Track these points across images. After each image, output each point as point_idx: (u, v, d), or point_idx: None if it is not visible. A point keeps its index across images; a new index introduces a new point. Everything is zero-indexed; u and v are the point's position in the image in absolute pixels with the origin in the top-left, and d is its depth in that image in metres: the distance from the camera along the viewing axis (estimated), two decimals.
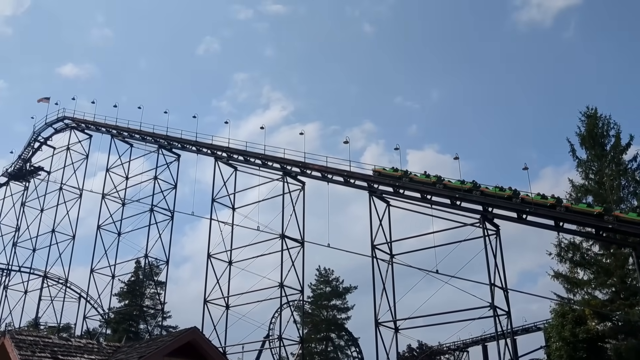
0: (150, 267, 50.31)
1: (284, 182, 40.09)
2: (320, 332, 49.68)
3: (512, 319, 30.19)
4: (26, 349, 12.18)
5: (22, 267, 54.76)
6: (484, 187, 32.23)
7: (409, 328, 32.66)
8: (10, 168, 61.34)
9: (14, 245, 56.26)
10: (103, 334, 47.59)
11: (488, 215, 31.61)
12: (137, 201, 49.20)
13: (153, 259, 48.80)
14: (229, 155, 43.57)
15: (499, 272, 30.71)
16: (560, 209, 29.58)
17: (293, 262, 37.89)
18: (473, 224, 31.81)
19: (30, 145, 60.33)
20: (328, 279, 50.80)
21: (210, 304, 39.60)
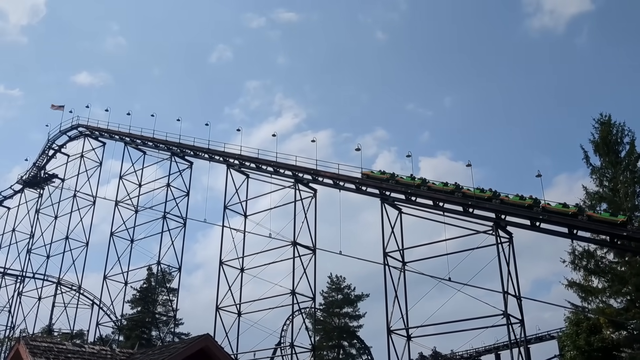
0: (163, 274, 50.49)
1: (295, 190, 40.12)
2: (332, 340, 49.54)
3: (525, 327, 29.98)
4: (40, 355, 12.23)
5: (36, 274, 55.27)
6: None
7: (421, 336, 32.53)
8: (25, 175, 61.94)
9: (28, 252, 56.75)
10: (116, 341, 47.75)
11: (501, 223, 31.43)
12: (149, 208, 49.45)
13: (165, 265, 48.95)
14: (241, 163, 43.72)
15: (512, 280, 30.52)
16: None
17: (305, 269, 37.87)
18: (486, 231, 31.64)
19: (45, 153, 60.91)
20: (340, 286, 50.69)
21: (222, 311, 39.63)
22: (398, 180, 35.48)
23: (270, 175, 42.10)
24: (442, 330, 32.04)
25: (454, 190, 33.29)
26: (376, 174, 36.85)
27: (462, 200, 32.62)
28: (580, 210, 29.72)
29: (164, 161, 50.39)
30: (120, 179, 51.98)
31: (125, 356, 14.13)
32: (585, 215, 29.34)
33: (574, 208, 29.87)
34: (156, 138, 49.87)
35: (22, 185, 62.67)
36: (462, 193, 32.99)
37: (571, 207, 29.96)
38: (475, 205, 32.19)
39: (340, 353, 49.63)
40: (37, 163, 61.20)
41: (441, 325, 31.60)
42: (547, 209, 30.32)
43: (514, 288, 30.44)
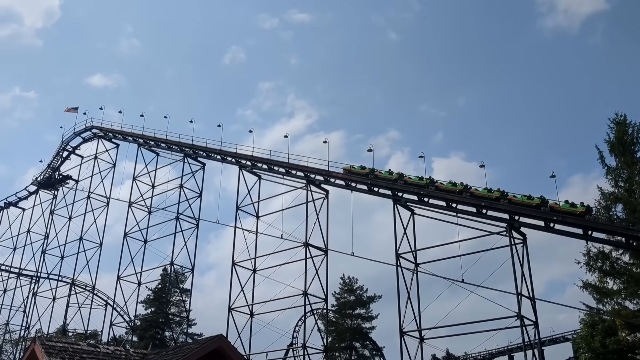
0: (176, 275, 50.70)
1: (307, 191, 40.15)
2: (345, 341, 49.39)
3: (539, 329, 29.77)
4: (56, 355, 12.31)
5: (50, 275, 55.83)
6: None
7: (434, 338, 32.39)
8: (40, 177, 62.53)
9: (42, 253, 57.27)
10: (129, 341, 48.02)
11: (515, 224, 31.25)
12: (163, 209, 49.73)
13: (178, 266, 49.24)
14: (253, 164, 43.83)
15: (526, 282, 30.33)
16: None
17: (317, 270, 37.89)
18: (499, 232, 31.47)
19: (59, 155, 61.42)
20: (352, 287, 50.55)
21: (235, 312, 39.73)
22: (376, 175, 36.62)
23: (282, 177, 42.20)
24: (455, 332, 32.00)
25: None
26: (357, 169, 37.97)
27: (475, 201, 32.48)
28: (588, 209, 29.70)
29: (177, 162, 50.74)
30: (134, 180, 52.33)
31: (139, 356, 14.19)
32: (549, 206, 30.05)
33: (581, 208, 29.84)
34: (169, 139, 50.16)
35: (36, 187, 63.29)
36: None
37: (579, 207, 29.94)
38: (489, 207, 32.04)
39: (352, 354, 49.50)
40: (52, 164, 61.75)
41: (454, 327, 31.54)
42: (555, 209, 30.34)
43: (528, 289, 30.26)
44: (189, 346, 13.33)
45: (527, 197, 31.54)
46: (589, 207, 29.85)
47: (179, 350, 12.78)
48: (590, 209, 29.71)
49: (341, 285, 50.94)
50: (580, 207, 29.86)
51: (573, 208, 29.96)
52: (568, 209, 30.13)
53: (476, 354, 44.90)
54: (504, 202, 31.81)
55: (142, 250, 49.15)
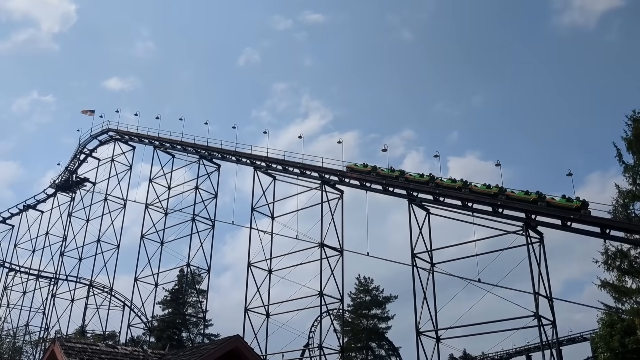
0: (192, 276, 50.99)
1: (322, 191, 40.18)
2: (361, 342, 49.34)
3: (557, 328, 29.54)
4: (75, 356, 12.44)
5: (69, 276, 56.44)
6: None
7: (450, 338, 32.26)
8: (58, 179, 63.13)
9: (61, 255, 57.87)
10: (147, 342, 48.37)
11: (531, 223, 31.03)
12: (179, 211, 50.03)
13: (195, 267, 49.48)
14: (267, 165, 43.95)
15: (543, 281, 30.09)
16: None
17: (332, 270, 37.92)
18: (516, 231, 31.27)
19: (76, 157, 61.99)
20: (368, 287, 50.49)
21: (251, 312, 39.86)
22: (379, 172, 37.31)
23: (297, 177, 42.26)
24: (471, 332, 31.79)
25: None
26: (359, 167, 38.47)
27: (491, 200, 32.33)
28: (584, 204, 29.80)
29: (193, 164, 51.02)
30: (150, 182, 52.73)
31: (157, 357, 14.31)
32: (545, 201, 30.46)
33: (577, 202, 29.90)
34: (184, 141, 50.44)
35: (54, 189, 63.93)
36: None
37: (575, 202, 30.00)
38: (505, 206, 31.87)
39: (368, 355, 49.45)
40: (69, 167, 62.37)
41: (471, 327, 31.36)
42: (552, 204, 30.53)
43: (545, 289, 30.02)
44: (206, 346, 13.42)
45: (524, 193, 31.74)
46: (585, 202, 29.85)
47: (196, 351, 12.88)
48: (586, 204, 29.76)
49: (357, 285, 50.93)
50: (577, 201, 29.96)
51: (569, 203, 30.07)
52: (564, 203, 30.25)
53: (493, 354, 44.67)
54: (502, 198, 32.08)
55: (159, 252, 49.58)
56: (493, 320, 30.52)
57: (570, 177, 31.66)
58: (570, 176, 31.65)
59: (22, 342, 57.77)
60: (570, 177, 31.62)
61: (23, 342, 57.82)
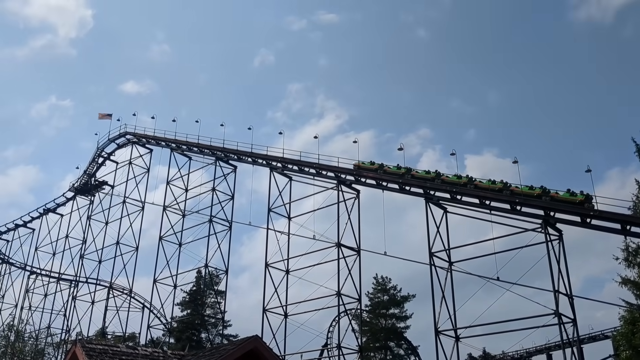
0: (211, 277, 51.23)
1: (338, 191, 40.17)
2: (379, 341, 49.25)
3: (578, 326, 29.20)
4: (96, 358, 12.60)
5: (89, 279, 57.00)
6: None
7: (469, 337, 32.06)
8: (77, 183, 63.78)
9: (81, 258, 58.47)
10: (166, 343, 48.71)
11: (550, 220, 30.74)
12: (196, 212, 50.22)
13: (213, 268, 49.64)
14: (283, 166, 44.02)
15: (562, 279, 29.79)
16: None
17: (350, 270, 37.86)
18: (534, 229, 30.99)
19: (95, 161, 62.60)
20: (385, 287, 50.38)
21: (269, 313, 39.95)
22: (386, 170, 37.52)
23: (313, 177, 42.28)
24: (491, 331, 31.52)
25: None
26: (367, 165, 38.86)
27: (509, 198, 32.09)
28: (587, 198, 29.89)
29: (209, 166, 51.23)
30: (168, 185, 53.05)
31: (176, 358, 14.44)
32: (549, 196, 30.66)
33: (581, 196, 30.03)
34: (201, 143, 50.69)
35: (74, 193, 64.54)
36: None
37: (578, 196, 30.12)
38: (523, 203, 31.61)
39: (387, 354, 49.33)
40: (88, 171, 62.99)
41: (490, 326, 31.10)
42: (556, 198, 30.75)
43: (565, 287, 29.72)
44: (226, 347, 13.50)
45: (528, 188, 31.84)
46: (589, 196, 29.87)
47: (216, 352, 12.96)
48: (590, 197, 29.79)
49: (374, 285, 50.86)
50: (580, 195, 29.98)
51: (572, 197, 30.14)
52: (567, 198, 30.37)
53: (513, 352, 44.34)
54: (506, 193, 32.24)
55: (177, 253, 49.84)
56: (512, 319, 30.28)
57: (589, 173, 31.32)
58: (589, 172, 31.31)
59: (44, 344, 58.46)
60: (589, 174, 31.28)
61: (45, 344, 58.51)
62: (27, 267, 66.24)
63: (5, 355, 50.99)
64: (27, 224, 70.79)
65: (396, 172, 37.29)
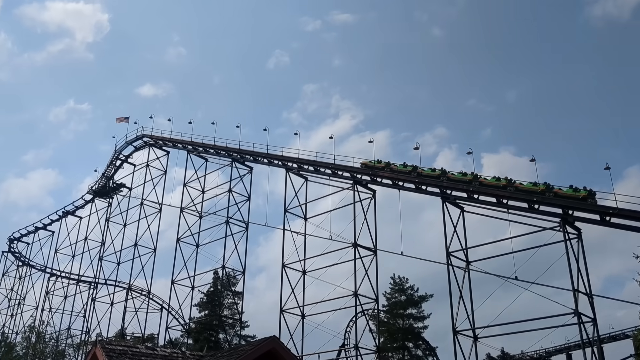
0: (228, 278, 51.43)
1: (354, 191, 40.15)
2: (397, 342, 49.08)
3: (598, 326, 28.87)
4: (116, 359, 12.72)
5: (107, 280, 57.55)
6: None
7: (488, 337, 31.86)
8: (95, 186, 64.41)
9: (100, 259, 59.03)
10: (185, 344, 49.01)
11: (569, 219, 30.44)
12: (213, 214, 50.49)
13: (230, 269, 49.83)
14: (299, 166, 44.09)
15: (582, 278, 29.48)
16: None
17: (366, 270, 37.81)
18: (553, 227, 30.71)
19: (113, 164, 63.18)
20: (403, 287, 50.20)
21: (286, 313, 40.03)
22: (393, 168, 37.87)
23: (329, 178, 42.30)
24: (509, 330, 31.29)
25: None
26: (373, 163, 39.30)
27: (527, 196, 31.87)
28: (590, 194, 30.01)
29: (225, 167, 51.52)
30: (185, 186, 53.38)
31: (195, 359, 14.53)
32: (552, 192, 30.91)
33: (584, 192, 30.11)
34: (217, 145, 50.99)
35: (92, 195, 65.17)
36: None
37: (582, 192, 30.19)
38: (541, 202, 31.35)
39: (405, 355, 49.14)
40: (106, 173, 63.60)
41: (508, 325, 30.87)
42: (560, 195, 30.90)
43: (585, 286, 29.39)
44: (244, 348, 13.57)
45: (532, 184, 32.05)
46: (592, 191, 29.94)
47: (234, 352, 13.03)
48: (593, 193, 29.83)
49: (391, 285, 50.70)
50: (583, 191, 30.02)
51: (576, 193, 30.22)
52: (571, 194, 30.45)
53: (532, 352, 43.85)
54: (510, 190, 32.47)
55: (195, 255, 50.12)
56: (531, 319, 30.05)
57: (608, 170, 31.02)
58: (608, 170, 31.00)
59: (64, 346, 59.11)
60: (608, 171, 30.98)
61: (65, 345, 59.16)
62: (47, 269, 67.20)
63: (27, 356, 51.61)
64: (46, 227, 71.78)
65: (402, 170, 37.49)
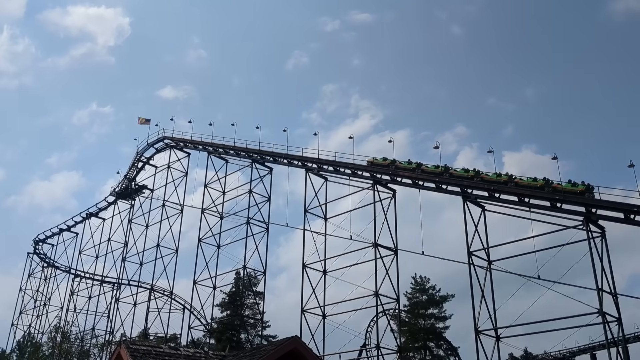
0: (249, 278, 51.69)
1: (374, 191, 40.08)
2: (418, 341, 48.88)
3: (623, 325, 28.46)
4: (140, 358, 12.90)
5: (130, 281, 58.23)
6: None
7: (510, 336, 31.61)
8: (118, 187, 65.25)
9: (123, 260, 59.77)
10: (207, 344, 49.35)
11: (592, 217, 30.06)
12: (234, 214, 50.77)
13: (251, 269, 50.03)
14: (319, 166, 44.14)
15: (606, 277, 29.09)
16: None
17: (387, 270, 37.72)
18: (576, 226, 30.37)
19: (135, 165, 63.91)
20: (424, 287, 49.97)
21: (307, 313, 40.11)
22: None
23: (349, 178, 42.30)
24: (532, 330, 31.04)
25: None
26: (380, 161, 40.14)
27: (549, 195, 31.57)
28: (588, 188, 30.51)
29: (245, 168, 51.80)
30: (205, 187, 53.78)
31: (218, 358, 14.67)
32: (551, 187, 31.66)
33: (582, 187, 30.38)
34: (237, 146, 51.30)
35: (115, 197, 66.06)
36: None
37: (580, 186, 30.42)
38: (564, 200, 31.01)
39: (427, 355, 48.92)
40: (128, 175, 64.37)
41: (531, 325, 30.61)
42: (558, 189, 31.26)
43: (609, 285, 28.99)
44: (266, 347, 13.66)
45: (532, 180, 32.59)
46: (589, 186, 30.38)
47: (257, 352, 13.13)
48: (590, 188, 30.25)
49: (412, 284, 50.50)
50: (581, 186, 30.32)
51: (574, 187, 30.57)
52: (569, 188, 30.88)
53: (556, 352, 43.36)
54: (511, 185, 33.18)
55: (216, 255, 50.40)
56: (554, 318, 29.76)
57: (632, 168, 30.54)
58: (632, 167, 30.53)
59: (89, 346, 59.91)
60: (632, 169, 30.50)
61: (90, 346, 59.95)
62: (71, 270, 68.16)
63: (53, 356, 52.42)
64: (70, 229, 72.89)
65: (406, 167, 37.94)
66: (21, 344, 58.66)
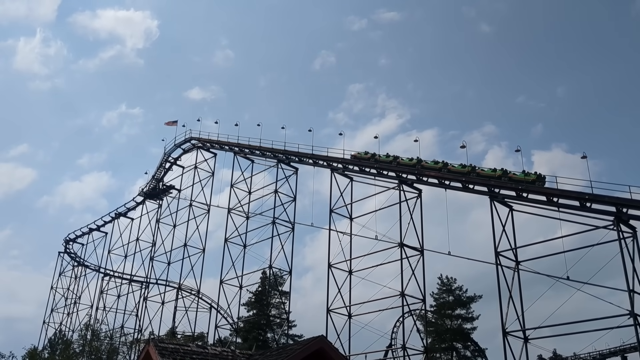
0: (275, 278, 51.93)
1: (400, 191, 39.91)
2: (445, 342, 48.53)
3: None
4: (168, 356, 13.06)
5: (158, 280, 58.92)
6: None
7: (539, 338, 31.20)
8: (146, 188, 66.15)
9: (151, 260, 60.57)
10: (234, 343, 49.70)
11: (623, 217, 29.50)
12: (260, 214, 51.06)
13: (277, 269, 50.28)
14: (344, 166, 44.13)
15: (638, 278, 28.50)
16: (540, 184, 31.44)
17: (413, 270, 37.53)
18: (606, 226, 29.83)
19: (162, 166, 64.74)
20: (450, 287, 49.60)
21: (333, 313, 40.12)
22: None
23: (374, 177, 42.18)
24: (561, 332, 30.60)
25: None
26: (361, 155, 42.06)
27: (578, 194, 31.06)
28: (539, 177, 32.22)
29: (271, 168, 52.06)
30: (232, 187, 54.18)
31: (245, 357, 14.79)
32: (507, 176, 33.52)
33: (533, 176, 32.00)
34: (263, 146, 51.60)
35: (143, 197, 67.02)
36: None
37: (532, 175, 32.11)
38: (593, 200, 30.48)
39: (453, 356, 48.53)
40: (156, 176, 65.22)
41: (560, 327, 30.20)
42: (513, 179, 32.77)
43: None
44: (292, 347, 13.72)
45: (492, 170, 34.51)
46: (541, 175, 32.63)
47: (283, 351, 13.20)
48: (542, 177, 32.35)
49: (439, 285, 50.18)
50: (532, 175, 32.35)
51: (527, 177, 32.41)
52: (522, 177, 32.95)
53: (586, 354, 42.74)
54: (504, 180, 34.10)
55: (242, 255, 50.77)
56: (584, 320, 29.28)
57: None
58: None
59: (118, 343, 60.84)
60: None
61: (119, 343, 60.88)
62: (101, 269, 69.33)
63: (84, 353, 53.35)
64: (100, 228, 74.11)
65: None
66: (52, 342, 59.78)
